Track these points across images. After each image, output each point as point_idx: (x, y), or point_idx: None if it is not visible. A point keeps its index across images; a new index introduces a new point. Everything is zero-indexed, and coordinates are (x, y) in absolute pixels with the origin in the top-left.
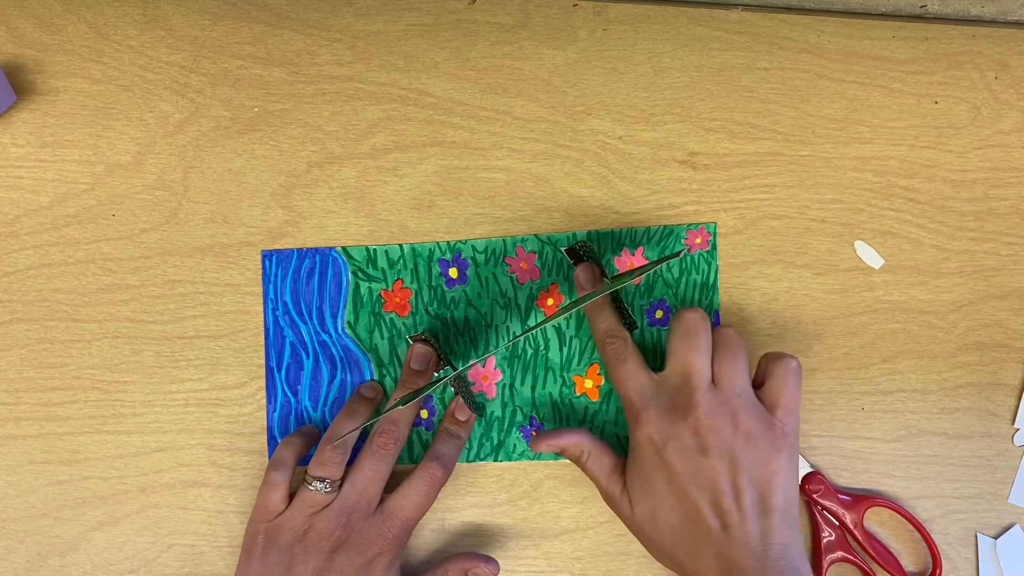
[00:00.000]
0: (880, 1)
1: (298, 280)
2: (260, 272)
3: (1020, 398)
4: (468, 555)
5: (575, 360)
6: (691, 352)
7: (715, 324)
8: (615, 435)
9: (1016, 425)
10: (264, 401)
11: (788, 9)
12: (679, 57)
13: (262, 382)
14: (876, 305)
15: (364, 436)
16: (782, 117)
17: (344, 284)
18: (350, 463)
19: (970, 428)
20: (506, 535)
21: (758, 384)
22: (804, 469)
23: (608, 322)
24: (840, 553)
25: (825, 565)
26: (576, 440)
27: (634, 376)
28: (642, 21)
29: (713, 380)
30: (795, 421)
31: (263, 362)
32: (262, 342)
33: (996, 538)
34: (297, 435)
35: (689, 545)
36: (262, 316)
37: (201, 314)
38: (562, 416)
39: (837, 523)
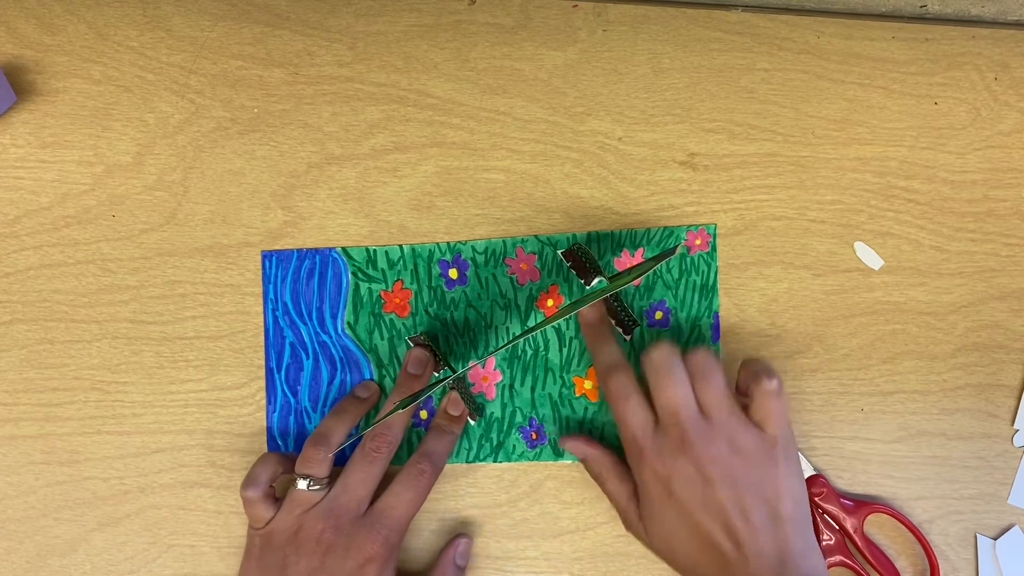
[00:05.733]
0: (880, 1)
1: (298, 281)
2: (260, 273)
3: (1020, 399)
4: (441, 557)
5: (575, 361)
6: (671, 388)
7: (715, 327)
8: (615, 436)
9: (1015, 426)
10: (264, 402)
11: (788, 10)
12: (679, 58)
13: (262, 383)
14: (876, 306)
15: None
16: (782, 118)
17: (344, 285)
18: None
19: (970, 429)
20: (506, 536)
21: (741, 393)
22: (806, 472)
23: (612, 354)
24: (838, 557)
25: None
26: (600, 457)
27: (637, 414)
28: (642, 22)
29: (699, 408)
30: (787, 429)
31: (263, 363)
32: (262, 343)
33: (996, 539)
34: (275, 454)
35: (709, 570)
36: (262, 317)
37: (201, 315)
38: (561, 417)
39: (837, 527)
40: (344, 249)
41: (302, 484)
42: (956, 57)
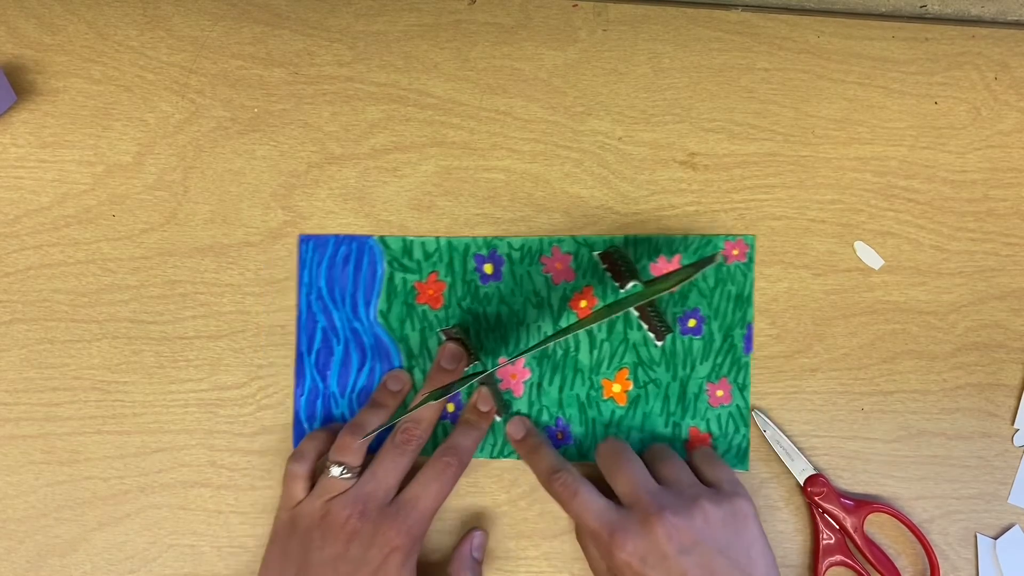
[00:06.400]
0: (880, 1)
1: (333, 266)
2: (259, 272)
3: (1020, 399)
4: (458, 551)
5: (604, 363)
6: (626, 469)
7: (747, 338)
8: (639, 441)
9: (1016, 426)
10: (264, 401)
11: (788, 10)
12: (679, 58)
13: (262, 383)
14: (876, 305)
15: (388, 429)
16: (782, 118)
17: (379, 273)
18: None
19: (970, 428)
20: (506, 535)
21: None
22: (807, 471)
23: (547, 459)
24: (839, 557)
25: (823, 568)
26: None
27: (591, 504)
28: (642, 21)
29: (660, 484)
30: (742, 487)
31: (263, 362)
32: (262, 343)
33: (996, 539)
34: (323, 430)
35: None
36: (261, 316)
37: (201, 314)
38: (588, 419)
39: (837, 527)
40: (381, 238)
41: (336, 471)
42: (956, 57)
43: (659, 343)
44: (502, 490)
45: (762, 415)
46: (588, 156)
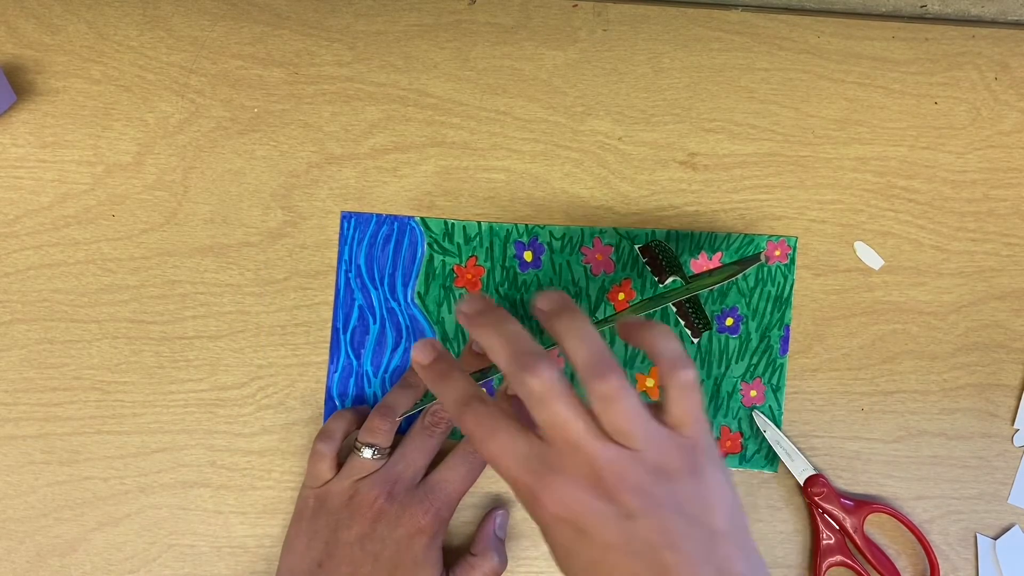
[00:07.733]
0: (880, 1)
1: (374, 245)
2: (259, 272)
3: (1020, 399)
4: (482, 531)
5: (639, 357)
6: (557, 401)
7: (784, 339)
8: None
9: (1016, 426)
10: (264, 401)
11: (788, 10)
12: (679, 58)
13: (262, 382)
14: (876, 306)
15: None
16: (782, 118)
17: (419, 254)
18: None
19: (970, 429)
20: (506, 535)
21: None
22: (807, 471)
23: (459, 388)
24: (839, 557)
25: (823, 568)
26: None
27: (511, 445)
28: (642, 22)
29: (599, 421)
30: (705, 429)
31: (263, 362)
32: (261, 343)
33: (996, 539)
34: (350, 410)
35: None
36: (261, 316)
37: (201, 314)
38: None
39: (837, 527)
40: (423, 219)
41: (367, 452)
42: (956, 57)
43: (695, 340)
44: (501, 490)
45: (762, 415)
46: (588, 156)
